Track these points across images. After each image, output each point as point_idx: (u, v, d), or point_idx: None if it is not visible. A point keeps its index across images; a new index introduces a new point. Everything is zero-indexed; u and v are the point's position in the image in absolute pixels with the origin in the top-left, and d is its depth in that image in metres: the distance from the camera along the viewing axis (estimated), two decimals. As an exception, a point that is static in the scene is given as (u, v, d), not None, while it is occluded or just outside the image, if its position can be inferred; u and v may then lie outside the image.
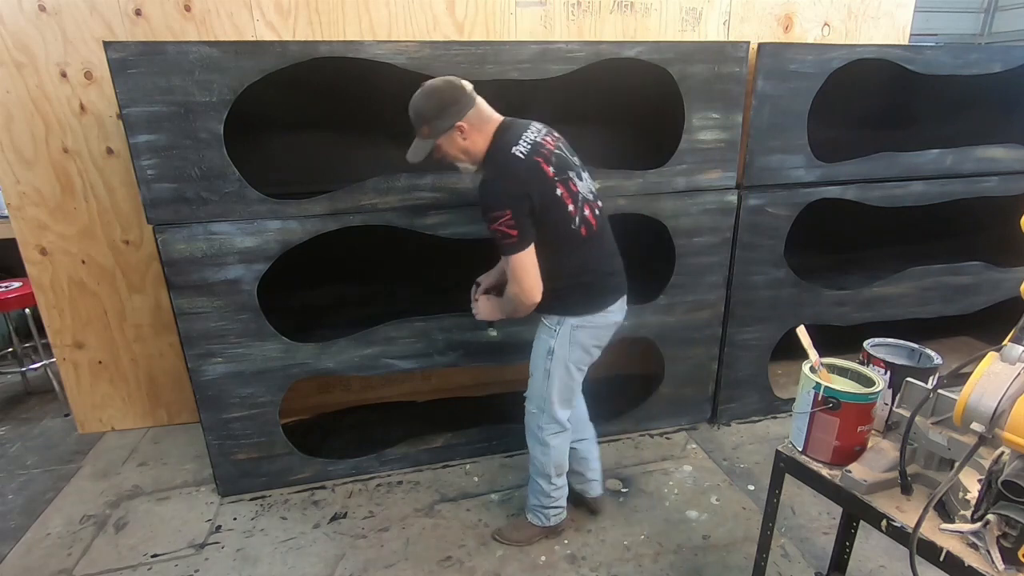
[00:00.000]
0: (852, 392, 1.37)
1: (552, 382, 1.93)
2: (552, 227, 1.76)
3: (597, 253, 1.88)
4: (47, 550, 2.20)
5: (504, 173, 1.71)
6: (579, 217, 1.80)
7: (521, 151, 1.71)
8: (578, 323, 1.86)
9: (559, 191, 1.75)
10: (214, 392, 2.27)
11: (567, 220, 1.78)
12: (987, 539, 1.09)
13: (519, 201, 1.68)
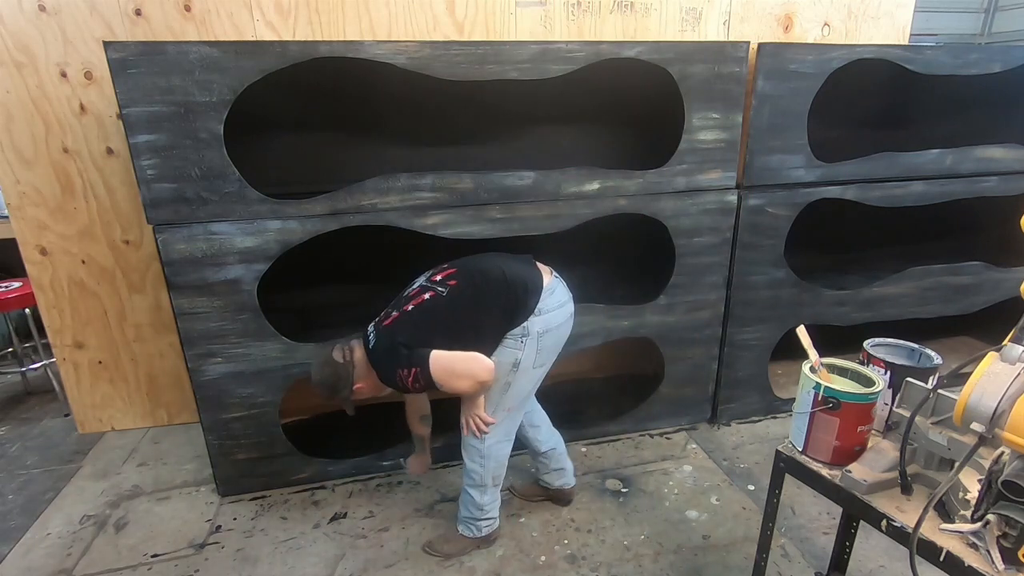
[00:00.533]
0: (852, 392, 1.37)
1: (513, 390, 1.94)
2: (444, 321, 1.81)
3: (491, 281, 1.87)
4: (47, 550, 2.20)
5: (378, 361, 1.82)
6: (439, 288, 1.85)
7: (373, 340, 1.85)
8: (542, 328, 1.88)
9: (411, 307, 1.83)
10: (214, 392, 2.27)
11: (438, 303, 1.82)
12: (987, 539, 1.09)
13: (394, 357, 1.78)
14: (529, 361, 1.91)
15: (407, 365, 1.76)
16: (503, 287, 1.86)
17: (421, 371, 1.74)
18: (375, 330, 1.88)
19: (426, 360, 1.74)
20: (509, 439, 2.07)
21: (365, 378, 1.86)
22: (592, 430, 2.83)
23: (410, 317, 1.83)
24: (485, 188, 2.29)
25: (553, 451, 2.27)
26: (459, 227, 2.30)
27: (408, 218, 2.25)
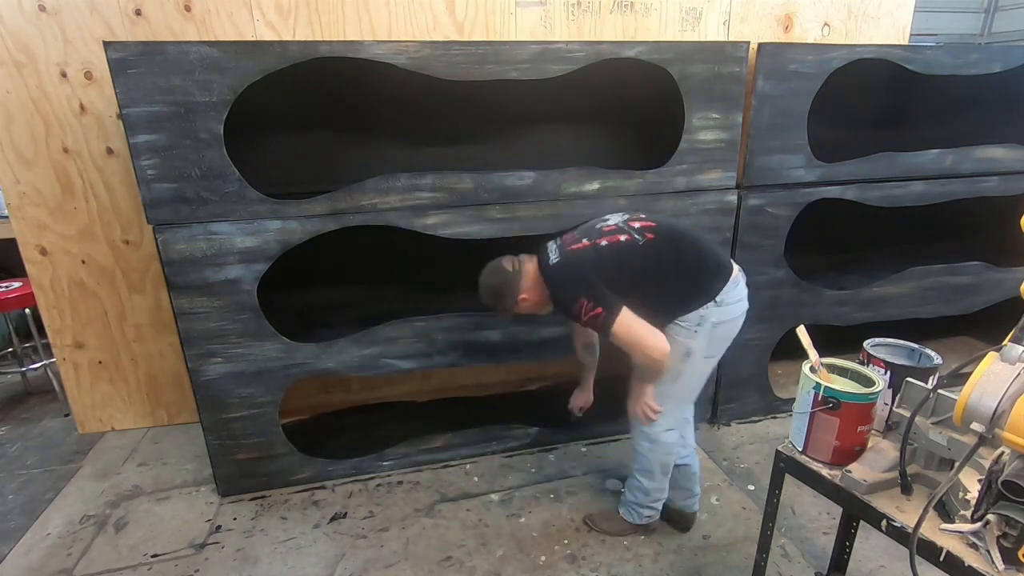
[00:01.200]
0: (852, 392, 1.37)
1: (684, 379, 1.91)
2: (631, 269, 1.79)
3: (669, 252, 1.84)
4: (47, 550, 2.20)
5: (560, 282, 1.82)
6: (634, 234, 1.82)
7: (555, 258, 1.84)
8: (717, 319, 1.84)
9: (604, 242, 1.81)
10: (214, 392, 2.27)
11: (632, 250, 1.80)
12: (987, 539, 1.09)
13: (582, 286, 1.76)
14: (701, 351, 1.87)
15: (593, 301, 1.72)
16: (698, 259, 1.83)
17: (605, 316, 1.71)
18: (559, 249, 1.85)
19: (616, 310, 1.72)
20: (677, 428, 2.03)
21: (531, 291, 1.87)
22: (592, 430, 2.83)
23: (599, 252, 1.79)
24: (485, 188, 2.29)
25: (687, 468, 2.12)
26: (459, 227, 2.30)
27: (408, 218, 2.25)
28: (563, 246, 1.87)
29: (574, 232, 1.91)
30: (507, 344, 2.51)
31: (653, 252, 1.81)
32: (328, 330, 2.47)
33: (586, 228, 1.91)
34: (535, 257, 1.92)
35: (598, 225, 1.89)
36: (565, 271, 1.81)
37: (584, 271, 1.78)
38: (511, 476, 2.57)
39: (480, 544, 2.19)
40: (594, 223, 1.92)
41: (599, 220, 1.93)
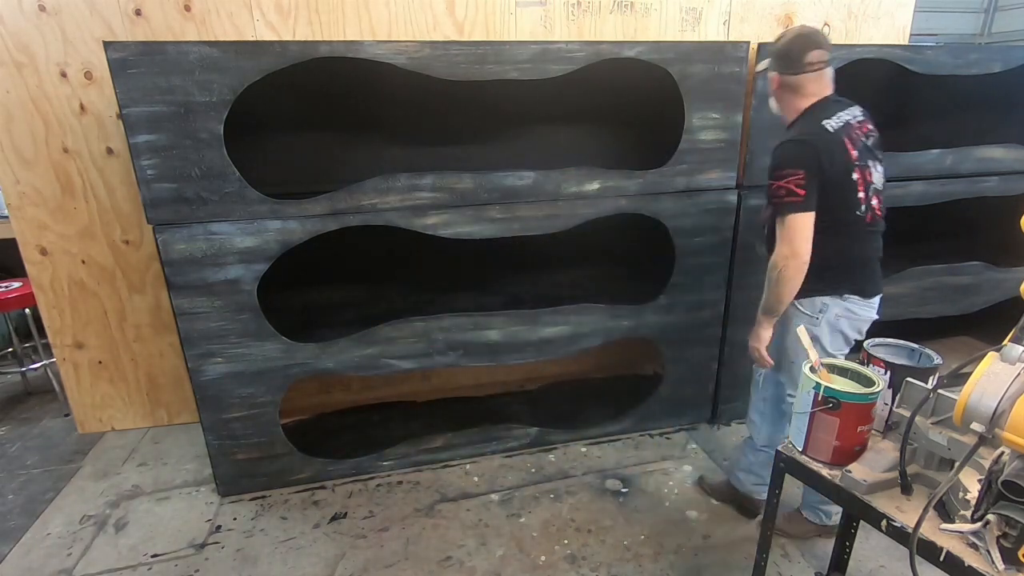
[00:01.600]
0: (852, 392, 1.37)
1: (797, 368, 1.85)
2: (837, 208, 1.78)
3: (874, 243, 1.89)
4: (47, 550, 2.20)
5: (808, 139, 1.75)
6: (866, 205, 1.82)
7: (831, 125, 1.77)
8: (842, 312, 1.87)
9: (855, 175, 1.78)
10: (214, 392, 2.27)
11: (854, 204, 1.80)
12: (987, 539, 1.09)
13: (815, 167, 1.72)
14: (825, 342, 1.89)
15: (803, 188, 1.70)
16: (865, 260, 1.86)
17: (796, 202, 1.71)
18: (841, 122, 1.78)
19: (807, 207, 1.72)
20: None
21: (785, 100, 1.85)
22: (592, 430, 2.83)
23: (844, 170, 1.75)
24: (485, 188, 2.29)
25: (766, 454, 2.12)
26: (459, 227, 2.30)
27: (408, 218, 2.25)
28: (847, 128, 1.78)
29: (868, 141, 1.82)
30: (507, 344, 2.51)
31: (858, 220, 1.81)
32: (328, 330, 2.47)
33: (869, 152, 1.83)
34: (829, 95, 1.83)
35: (871, 164, 1.83)
36: (822, 141, 1.74)
37: (820, 161, 1.72)
38: (511, 476, 2.57)
39: (480, 544, 2.19)
40: (876, 160, 1.84)
41: (880, 162, 1.86)
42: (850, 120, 1.81)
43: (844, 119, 1.80)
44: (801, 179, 1.71)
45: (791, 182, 1.72)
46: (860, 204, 1.81)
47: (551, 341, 2.56)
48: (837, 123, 1.78)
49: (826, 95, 1.84)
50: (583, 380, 3.35)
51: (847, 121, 1.80)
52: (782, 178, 1.73)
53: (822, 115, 1.79)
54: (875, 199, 1.85)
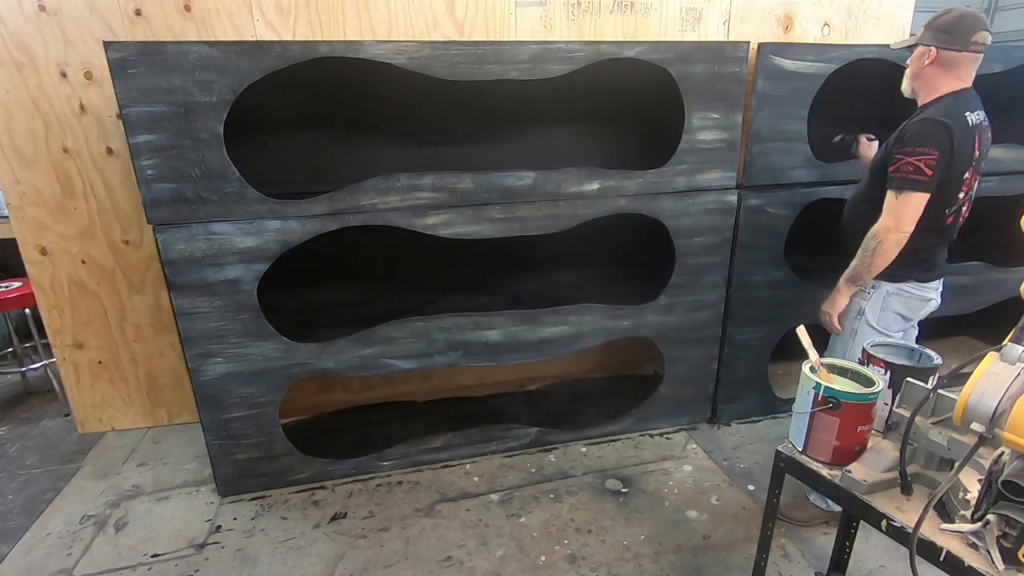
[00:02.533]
0: (852, 392, 1.37)
1: (856, 342, 1.96)
2: (937, 198, 1.78)
3: (942, 241, 1.95)
4: (47, 550, 2.20)
5: (954, 124, 1.74)
6: (957, 208, 1.85)
7: (972, 119, 1.78)
8: (893, 290, 1.92)
9: (967, 175, 1.80)
10: (214, 392, 2.27)
11: (949, 202, 1.82)
12: (987, 539, 1.09)
13: (948, 152, 1.72)
14: (872, 316, 1.94)
15: (932, 167, 1.71)
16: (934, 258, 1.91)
17: (918, 181, 1.72)
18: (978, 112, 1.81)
19: (925, 189, 1.73)
20: None
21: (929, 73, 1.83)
22: (592, 430, 2.83)
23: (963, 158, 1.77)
24: (485, 188, 2.29)
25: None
26: (459, 227, 2.30)
27: (408, 218, 2.25)
28: (979, 128, 1.79)
29: (984, 148, 1.84)
30: (507, 344, 2.51)
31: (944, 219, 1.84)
32: (328, 330, 2.47)
33: (982, 160, 1.86)
34: (969, 88, 1.82)
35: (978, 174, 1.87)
36: (964, 132, 1.74)
37: (953, 149, 1.72)
38: (511, 476, 2.57)
39: (480, 544, 2.19)
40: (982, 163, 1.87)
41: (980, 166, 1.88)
42: (983, 122, 1.83)
43: (981, 117, 1.82)
44: (933, 160, 1.72)
45: (923, 160, 1.72)
46: (955, 204, 1.84)
47: (551, 341, 2.56)
48: (976, 119, 1.80)
49: (969, 86, 1.83)
50: (583, 380, 3.35)
51: (979, 123, 1.81)
52: (914, 154, 1.73)
53: (966, 106, 1.79)
54: (967, 205, 1.90)
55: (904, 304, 1.95)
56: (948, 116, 1.75)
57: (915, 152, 1.73)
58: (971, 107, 1.80)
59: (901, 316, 1.98)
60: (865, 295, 1.95)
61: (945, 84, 1.82)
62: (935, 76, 1.83)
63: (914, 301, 1.95)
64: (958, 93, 1.81)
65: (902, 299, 1.93)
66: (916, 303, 1.96)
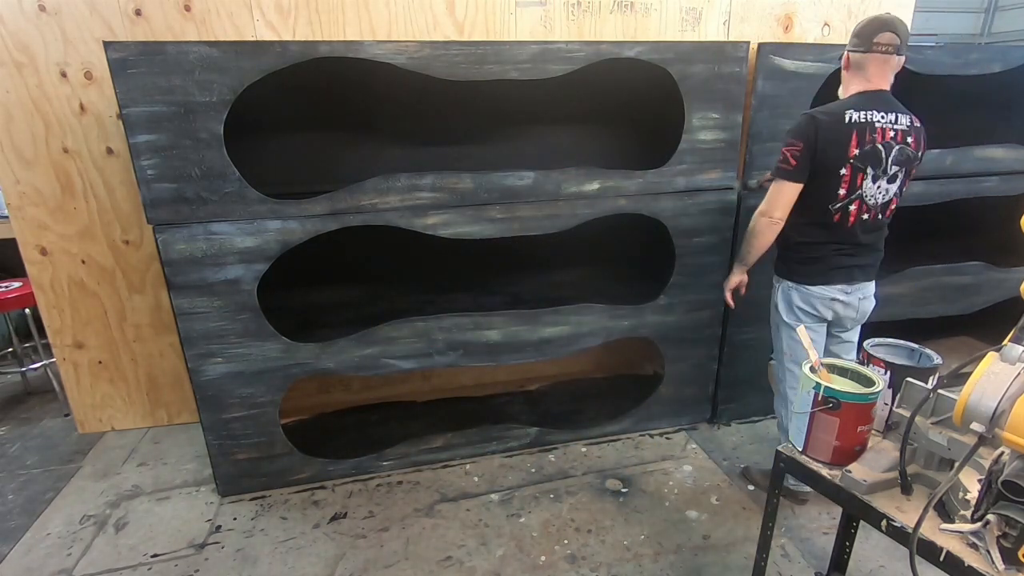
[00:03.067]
0: (852, 392, 1.37)
1: (779, 334, 2.15)
2: (814, 192, 1.90)
3: (835, 240, 1.97)
4: (47, 550, 2.20)
5: (823, 118, 1.84)
6: (841, 205, 1.91)
7: (851, 117, 1.83)
8: (791, 286, 2.06)
9: (844, 171, 1.86)
10: (214, 392, 2.27)
11: (830, 197, 1.90)
12: (987, 539, 1.09)
13: (811, 145, 1.83)
14: (782, 310, 2.10)
15: (796, 158, 1.84)
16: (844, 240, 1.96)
17: (786, 171, 1.87)
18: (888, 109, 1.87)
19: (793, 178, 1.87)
20: (782, 385, 2.20)
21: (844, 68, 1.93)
22: (592, 430, 2.83)
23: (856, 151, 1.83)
24: (485, 188, 2.29)
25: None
26: (459, 227, 2.30)
27: (408, 218, 2.25)
28: (866, 127, 1.83)
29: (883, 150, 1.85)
30: (507, 344, 2.51)
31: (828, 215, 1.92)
32: (328, 330, 2.47)
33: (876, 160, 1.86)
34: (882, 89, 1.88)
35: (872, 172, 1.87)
36: (832, 127, 1.82)
37: (817, 141, 1.82)
38: (511, 476, 2.57)
39: (480, 544, 2.19)
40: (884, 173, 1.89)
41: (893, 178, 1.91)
42: (875, 121, 1.84)
43: (868, 119, 1.84)
44: (797, 151, 1.84)
45: (789, 151, 1.86)
46: (836, 200, 1.89)
47: (551, 341, 2.56)
48: (859, 117, 1.83)
49: (880, 88, 1.88)
50: (583, 380, 3.35)
51: (870, 121, 1.84)
52: (786, 144, 1.88)
53: (854, 105, 1.85)
54: (856, 205, 1.91)
55: (804, 300, 2.04)
56: (822, 112, 1.87)
57: (786, 143, 1.88)
58: (862, 107, 1.84)
59: (807, 312, 2.06)
60: (774, 290, 2.14)
61: (855, 86, 1.90)
62: (848, 79, 1.93)
63: (814, 299, 2.03)
64: (859, 94, 1.88)
65: (801, 294, 2.04)
66: (817, 301, 2.03)
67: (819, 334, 2.11)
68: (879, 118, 1.84)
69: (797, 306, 2.06)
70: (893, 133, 1.86)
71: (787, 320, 2.10)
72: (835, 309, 2.05)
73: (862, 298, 2.07)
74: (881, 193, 1.92)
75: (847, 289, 2.03)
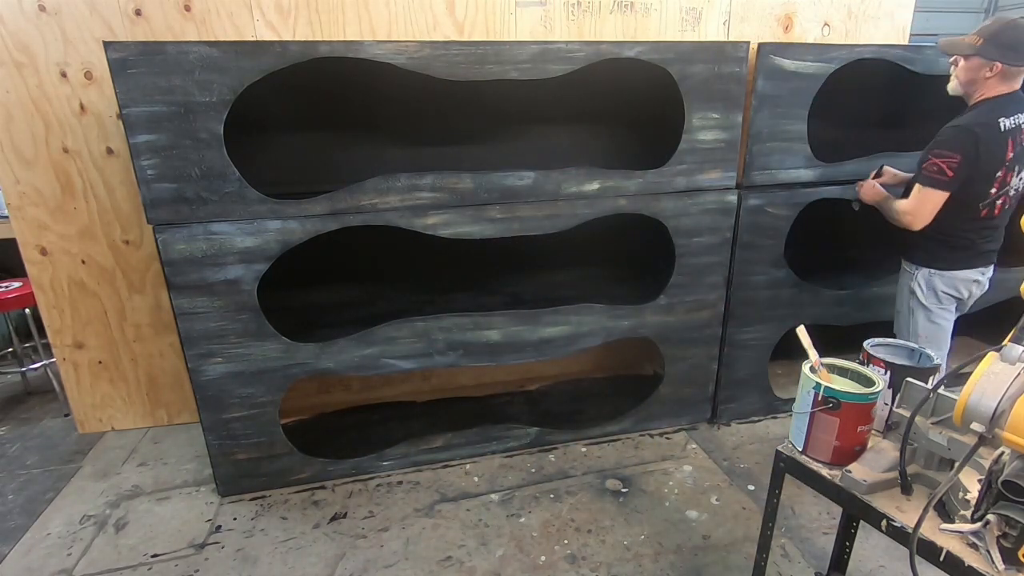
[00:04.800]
0: (852, 392, 1.37)
1: (914, 318, 2.22)
2: (968, 192, 1.99)
3: (980, 229, 2.10)
4: (47, 550, 2.20)
5: (983, 132, 1.92)
6: (991, 202, 2.03)
7: (1005, 124, 1.94)
8: (933, 272, 2.15)
9: (999, 173, 1.98)
10: (214, 392, 2.27)
11: (981, 196, 2.01)
12: (987, 539, 1.09)
13: (972, 157, 1.92)
14: (920, 295, 2.18)
15: (953, 169, 1.92)
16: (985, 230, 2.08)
17: (938, 182, 1.95)
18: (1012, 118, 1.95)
19: (942, 189, 1.96)
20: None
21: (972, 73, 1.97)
22: (592, 430, 2.83)
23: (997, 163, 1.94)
24: (485, 188, 2.29)
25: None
26: (459, 227, 2.30)
27: (408, 218, 2.25)
28: (1017, 131, 1.94)
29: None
30: (507, 344, 2.51)
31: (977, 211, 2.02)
32: (328, 330, 2.47)
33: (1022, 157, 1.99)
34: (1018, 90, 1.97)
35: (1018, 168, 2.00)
36: (990, 139, 1.91)
37: (979, 153, 1.90)
38: (511, 476, 2.57)
39: (480, 544, 2.19)
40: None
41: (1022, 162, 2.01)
42: (1022, 123, 1.97)
43: (1020, 121, 1.96)
44: (956, 163, 1.93)
45: (946, 163, 1.94)
46: (986, 199, 2.02)
47: (551, 341, 2.56)
48: (1012, 123, 1.94)
49: (1016, 89, 1.98)
50: (583, 380, 3.35)
51: (1021, 124, 1.97)
52: (939, 156, 1.95)
53: (1004, 111, 1.94)
54: (1002, 199, 2.05)
55: (948, 284, 2.15)
56: (980, 123, 1.93)
57: (942, 155, 1.94)
58: (1009, 112, 1.95)
59: (948, 295, 2.17)
60: (912, 276, 2.20)
61: (996, 90, 1.97)
62: (992, 84, 1.97)
63: (959, 282, 2.15)
64: (1001, 98, 1.97)
65: (944, 279, 2.14)
66: (961, 284, 2.16)
67: (952, 314, 2.23)
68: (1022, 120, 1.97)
69: (941, 291, 2.15)
70: None
71: (927, 304, 2.18)
72: (971, 290, 2.19)
73: (989, 278, 2.23)
74: (1021, 182, 2.06)
75: (984, 271, 2.18)
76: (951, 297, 2.17)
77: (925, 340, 2.20)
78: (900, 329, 2.32)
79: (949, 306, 2.19)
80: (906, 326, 2.27)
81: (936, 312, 2.18)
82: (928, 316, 2.19)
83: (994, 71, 1.93)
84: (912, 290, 2.21)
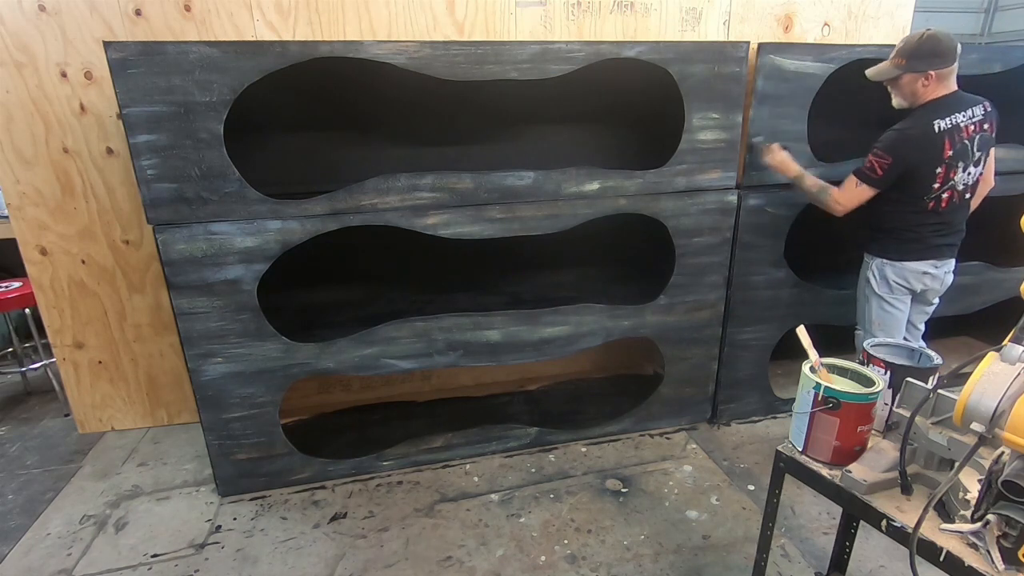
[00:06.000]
0: (852, 392, 1.37)
1: (870, 305, 2.35)
2: (911, 187, 2.12)
3: (931, 223, 2.19)
4: (47, 550, 2.20)
5: (913, 136, 2.06)
6: (935, 196, 2.13)
7: (940, 126, 2.04)
8: (885, 262, 2.27)
9: (939, 170, 2.09)
10: (214, 392, 2.27)
11: (925, 191, 2.12)
12: (987, 539, 1.09)
13: (903, 161, 2.06)
14: (874, 284, 2.30)
15: (882, 169, 2.07)
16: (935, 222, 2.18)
17: (869, 179, 2.11)
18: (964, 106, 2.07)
19: (869, 185, 2.12)
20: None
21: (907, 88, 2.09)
22: (592, 430, 2.83)
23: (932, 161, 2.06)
24: (485, 188, 2.29)
25: None
26: (459, 227, 2.30)
27: (408, 218, 2.25)
28: (955, 131, 2.05)
29: (970, 142, 2.09)
30: (507, 344, 2.51)
31: (923, 204, 2.14)
32: (328, 330, 2.47)
33: (965, 154, 2.10)
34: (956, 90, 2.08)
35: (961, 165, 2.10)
36: (924, 142, 2.04)
37: (911, 155, 2.06)
38: (511, 476, 2.57)
39: (480, 544, 2.19)
40: (970, 160, 2.12)
41: (976, 162, 2.14)
42: (960, 122, 2.07)
43: (955, 121, 2.06)
44: (886, 164, 2.07)
45: (879, 162, 2.08)
46: (931, 192, 2.12)
47: (551, 341, 2.56)
48: (947, 124, 2.05)
49: (953, 89, 2.09)
50: (583, 380, 3.35)
51: (957, 123, 2.06)
52: (876, 156, 2.09)
53: (936, 114, 2.05)
54: (948, 193, 2.13)
55: (898, 274, 2.25)
56: (915, 127, 2.07)
57: (877, 155, 2.09)
58: (944, 113, 2.05)
59: (899, 285, 2.27)
60: (868, 267, 2.33)
61: (936, 93, 2.08)
62: (931, 90, 2.08)
63: (908, 273, 2.24)
64: (939, 100, 2.08)
65: (895, 270, 2.25)
66: (911, 275, 2.25)
67: (905, 304, 2.33)
68: (962, 119, 2.07)
69: (893, 280, 2.26)
70: (973, 127, 2.09)
71: (879, 292, 2.30)
72: (924, 282, 2.27)
73: (946, 272, 2.29)
74: (969, 177, 2.15)
75: (936, 264, 2.25)
76: (902, 287, 2.28)
77: (878, 327, 2.34)
78: (859, 317, 2.46)
79: (902, 296, 2.30)
80: (862, 313, 2.42)
81: (888, 300, 2.30)
82: (880, 304, 2.32)
83: (930, 80, 2.04)
84: (867, 279, 2.34)
